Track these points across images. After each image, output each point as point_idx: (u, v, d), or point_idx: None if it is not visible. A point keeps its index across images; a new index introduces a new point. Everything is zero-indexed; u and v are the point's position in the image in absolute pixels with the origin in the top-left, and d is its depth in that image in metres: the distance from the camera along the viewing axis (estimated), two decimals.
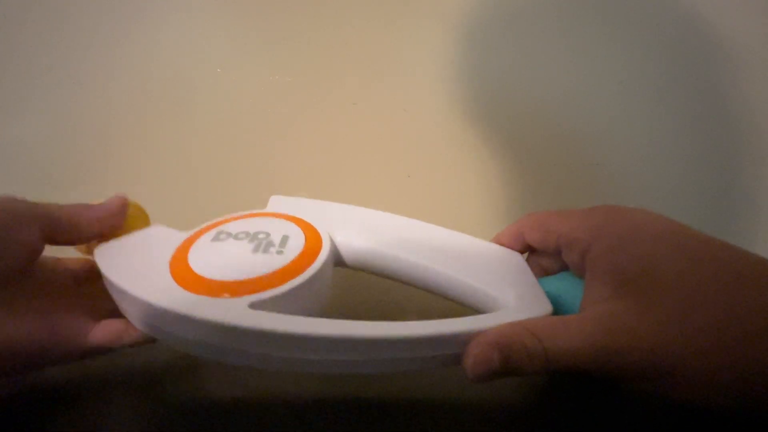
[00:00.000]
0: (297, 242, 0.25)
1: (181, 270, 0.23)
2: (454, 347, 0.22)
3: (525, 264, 0.28)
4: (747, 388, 0.19)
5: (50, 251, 0.26)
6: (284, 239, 0.25)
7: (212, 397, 0.23)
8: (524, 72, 0.50)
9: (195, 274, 0.23)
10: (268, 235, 0.25)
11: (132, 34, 0.47)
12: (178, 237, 0.27)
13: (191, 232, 0.27)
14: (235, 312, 0.21)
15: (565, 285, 0.26)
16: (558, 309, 0.24)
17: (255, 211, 0.28)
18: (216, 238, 0.25)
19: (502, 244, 0.29)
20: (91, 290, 0.26)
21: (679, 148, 0.52)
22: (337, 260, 0.27)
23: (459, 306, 0.26)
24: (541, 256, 0.28)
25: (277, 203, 0.29)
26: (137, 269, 0.24)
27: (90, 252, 0.26)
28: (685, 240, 0.23)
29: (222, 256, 0.24)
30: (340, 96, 0.50)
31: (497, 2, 0.48)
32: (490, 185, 0.52)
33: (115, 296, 0.24)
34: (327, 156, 0.51)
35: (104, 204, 0.27)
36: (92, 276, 0.27)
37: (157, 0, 0.47)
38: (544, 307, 0.24)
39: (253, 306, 0.21)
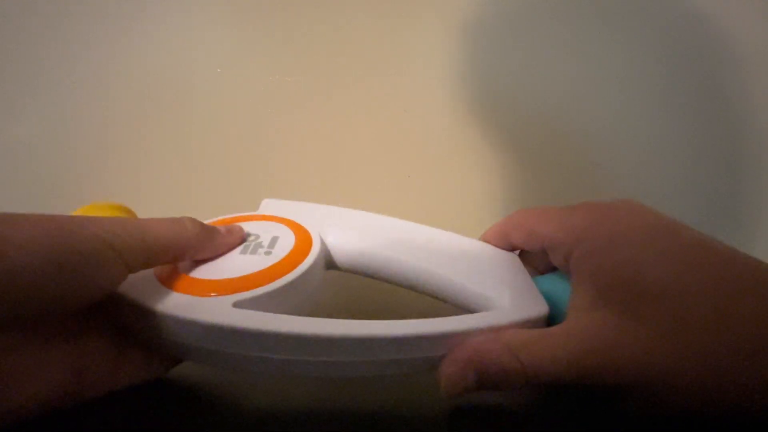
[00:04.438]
0: (286, 243, 0.25)
1: (165, 270, 0.23)
2: (445, 348, 0.21)
3: (520, 264, 0.27)
4: (735, 399, 0.19)
5: None
6: (273, 240, 0.25)
7: (202, 402, 0.23)
8: (524, 72, 0.50)
9: (179, 274, 0.23)
10: (257, 237, 0.25)
11: (132, 34, 0.47)
12: None
13: None
14: (218, 311, 0.20)
15: (554, 285, 0.25)
16: (550, 309, 0.24)
17: (245, 214, 0.28)
18: None
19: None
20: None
21: (680, 147, 0.52)
22: (329, 263, 0.27)
23: (454, 308, 0.26)
24: (531, 255, 0.28)
25: (269, 206, 0.29)
26: None
27: None
28: (672, 242, 0.21)
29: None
30: (340, 96, 0.50)
31: (497, 2, 0.48)
32: (490, 185, 0.52)
33: None
34: (327, 156, 0.51)
35: (220, 227, 0.24)
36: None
37: (157, 0, 0.47)
38: (540, 308, 0.24)
39: (238, 305, 0.21)
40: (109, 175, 0.50)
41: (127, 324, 0.22)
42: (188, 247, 0.22)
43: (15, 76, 0.47)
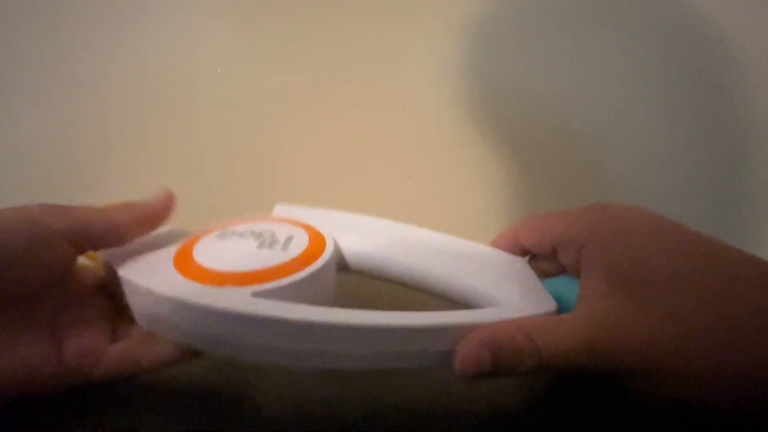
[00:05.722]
0: (301, 241, 0.25)
1: (185, 262, 0.24)
2: (455, 341, 0.22)
3: (528, 267, 0.28)
4: (738, 387, 0.20)
5: None
6: (289, 238, 0.25)
7: (211, 394, 0.23)
8: (525, 72, 0.50)
9: (199, 266, 0.23)
10: (273, 234, 0.26)
11: (132, 34, 0.47)
12: (183, 235, 0.27)
13: (196, 232, 0.27)
14: (238, 299, 0.21)
15: (563, 286, 0.26)
16: (558, 310, 0.24)
17: (260, 216, 0.29)
18: (221, 236, 0.26)
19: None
20: (111, 302, 0.25)
21: (680, 147, 0.52)
22: (341, 264, 0.28)
23: (463, 308, 0.27)
24: (539, 259, 0.29)
25: (282, 210, 0.30)
26: (141, 262, 0.24)
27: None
28: (677, 237, 0.23)
29: (227, 250, 0.25)
30: (340, 96, 0.50)
31: (497, 2, 0.48)
32: (490, 185, 0.52)
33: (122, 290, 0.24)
34: (327, 156, 0.51)
35: (146, 202, 0.25)
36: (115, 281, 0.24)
37: (157, 0, 0.47)
38: (549, 305, 0.24)
39: (256, 295, 0.22)
40: (108, 176, 0.50)
41: (144, 312, 0.23)
42: (131, 223, 0.24)
43: (15, 76, 0.46)
